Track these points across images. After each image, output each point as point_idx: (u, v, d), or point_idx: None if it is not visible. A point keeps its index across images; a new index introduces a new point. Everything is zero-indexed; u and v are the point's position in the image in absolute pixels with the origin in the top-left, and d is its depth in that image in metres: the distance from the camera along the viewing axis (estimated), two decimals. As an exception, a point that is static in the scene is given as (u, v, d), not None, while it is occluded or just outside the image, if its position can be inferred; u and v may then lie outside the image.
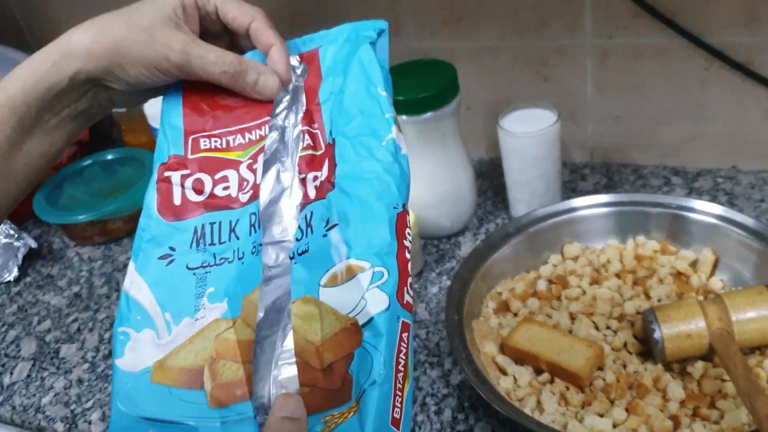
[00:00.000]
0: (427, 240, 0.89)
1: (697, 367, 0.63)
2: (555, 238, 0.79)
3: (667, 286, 0.71)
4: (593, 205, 0.78)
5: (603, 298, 0.71)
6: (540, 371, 0.65)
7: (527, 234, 0.78)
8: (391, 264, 0.38)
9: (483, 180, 0.98)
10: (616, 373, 0.63)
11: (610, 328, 0.69)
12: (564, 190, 0.90)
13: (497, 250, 0.76)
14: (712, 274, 0.72)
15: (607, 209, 0.78)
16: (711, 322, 0.62)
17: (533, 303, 0.73)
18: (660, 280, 0.72)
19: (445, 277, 0.83)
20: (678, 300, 0.70)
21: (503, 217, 0.91)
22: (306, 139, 0.45)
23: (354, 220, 0.40)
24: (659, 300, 0.70)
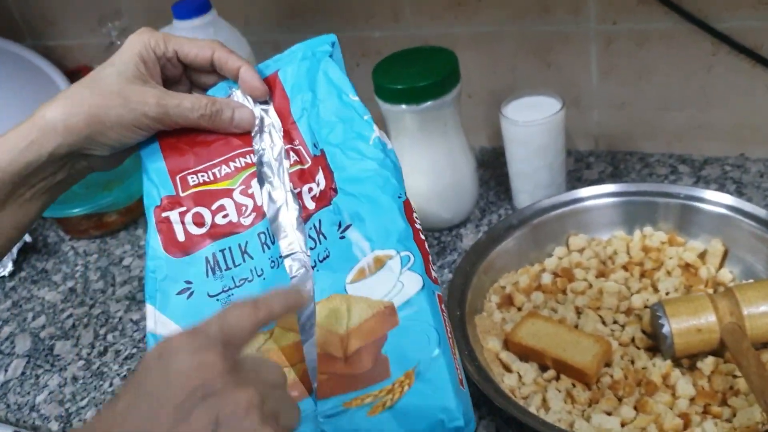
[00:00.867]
0: (428, 232, 0.87)
1: (708, 363, 0.61)
2: (560, 230, 0.77)
3: (675, 278, 0.69)
4: (599, 195, 0.76)
5: (610, 291, 0.69)
6: (545, 368, 0.64)
7: (531, 226, 0.76)
8: (413, 247, 0.43)
9: (485, 170, 0.96)
10: (623, 369, 0.62)
11: (617, 322, 0.67)
12: (569, 179, 0.88)
13: (500, 242, 0.74)
14: (722, 265, 0.71)
15: (613, 199, 0.76)
16: (722, 317, 0.60)
17: (538, 297, 0.71)
18: (668, 272, 0.70)
19: (446, 270, 0.81)
20: (686, 293, 0.68)
21: (506, 207, 0.89)
22: (292, 156, 0.48)
23: (368, 216, 0.43)
24: (667, 293, 0.68)
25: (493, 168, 0.95)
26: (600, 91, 0.89)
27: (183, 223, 0.47)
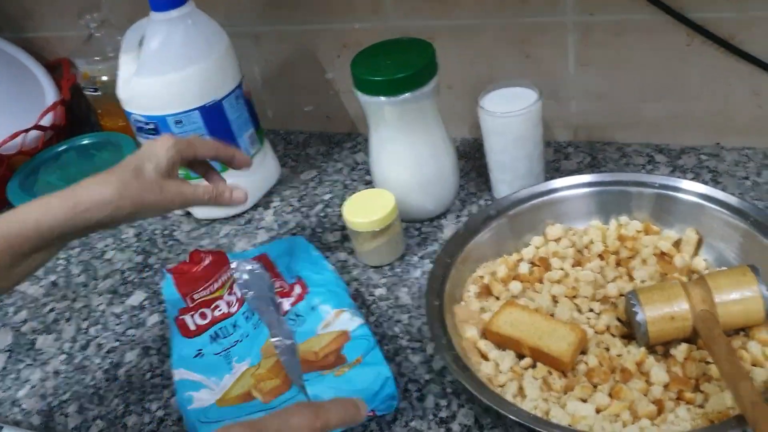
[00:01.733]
0: (409, 223, 0.88)
1: (681, 350, 0.62)
2: (537, 220, 0.78)
3: (651, 266, 0.70)
4: (575, 185, 0.77)
5: (586, 280, 0.70)
6: (522, 356, 0.64)
7: (508, 216, 0.77)
8: (357, 309, 0.73)
9: (466, 161, 0.96)
10: (598, 357, 0.63)
11: (593, 310, 0.68)
12: (548, 169, 0.89)
13: (478, 233, 0.75)
14: (696, 254, 0.72)
15: (589, 189, 0.77)
16: (694, 304, 0.61)
17: (515, 286, 0.72)
18: (643, 260, 0.71)
19: (427, 261, 0.82)
20: (661, 281, 0.69)
21: (486, 198, 0.89)
22: (277, 286, 0.76)
23: (328, 296, 0.73)
24: (642, 281, 0.69)
25: (473, 159, 0.96)
26: (578, 81, 0.90)
27: (192, 318, 0.73)
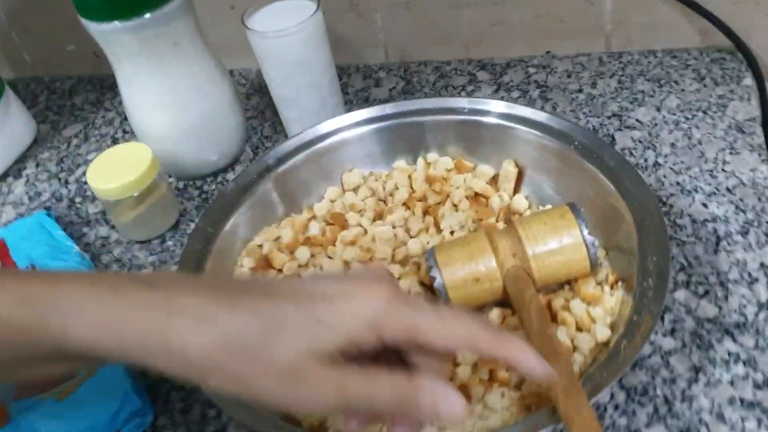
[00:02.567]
0: (187, 181, 0.71)
1: (493, 317, 0.49)
2: (330, 166, 0.62)
3: (462, 212, 0.57)
4: (373, 119, 0.62)
5: (383, 238, 0.56)
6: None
7: (293, 165, 0.61)
8: None
9: (260, 97, 0.79)
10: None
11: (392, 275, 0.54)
12: (356, 100, 0.74)
13: (253, 191, 0.59)
14: (517, 191, 0.59)
15: (390, 123, 0.62)
16: (503, 260, 0.48)
17: (303, 253, 0.57)
18: (454, 205, 0.58)
19: (208, 227, 0.66)
20: (476, 229, 0.56)
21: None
22: None
23: None
24: (452, 232, 0.56)
25: (268, 95, 0.79)
26: (380, -11, 0.74)
27: None
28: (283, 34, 0.61)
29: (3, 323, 0.32)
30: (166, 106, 0.65)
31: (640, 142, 0.64)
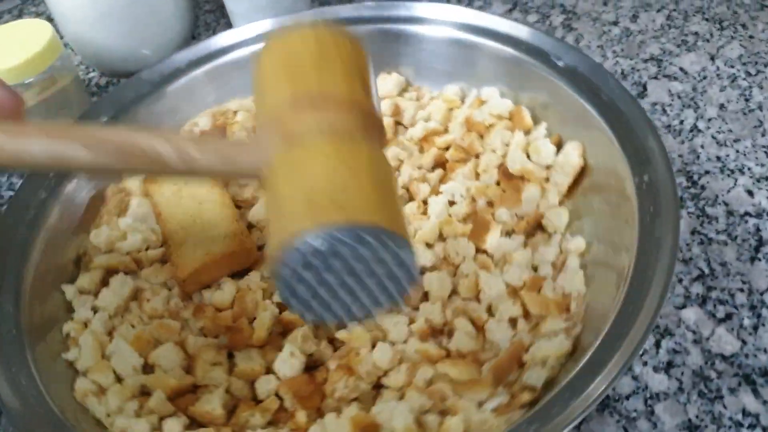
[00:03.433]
0: (111, 78, 0.58)
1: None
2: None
3: (482, 184, 0.42)
4: (342, 20, 0.47)
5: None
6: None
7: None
8: None
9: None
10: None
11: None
12: None
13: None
14: (570, 194, 0.42)
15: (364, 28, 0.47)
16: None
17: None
18: (477, 174, 0.43)
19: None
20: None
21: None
22: None
23: None
24: (451, 203, 0.42)
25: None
26: None
27: None
28: None
29: None
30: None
31: (679, 97, 0.48)
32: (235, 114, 0.47)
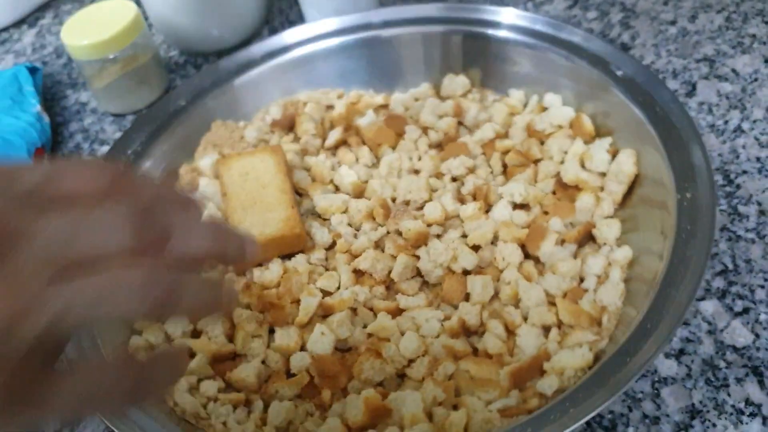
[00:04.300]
0: (189, 57, 0.63)
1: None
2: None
3: (536, 188, 0.45)
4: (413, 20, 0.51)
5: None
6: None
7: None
8: None
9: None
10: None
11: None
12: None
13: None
14: (625, 202, 0.45)
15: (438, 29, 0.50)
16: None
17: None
18: (535, 181, 0.45)
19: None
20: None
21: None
22: None
23: None
24: (516, 206, 0.43)
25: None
26: None
27: None
28: None
29: None
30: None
31: (728, 98, 0.48)
32: (305, 105, 0.51)
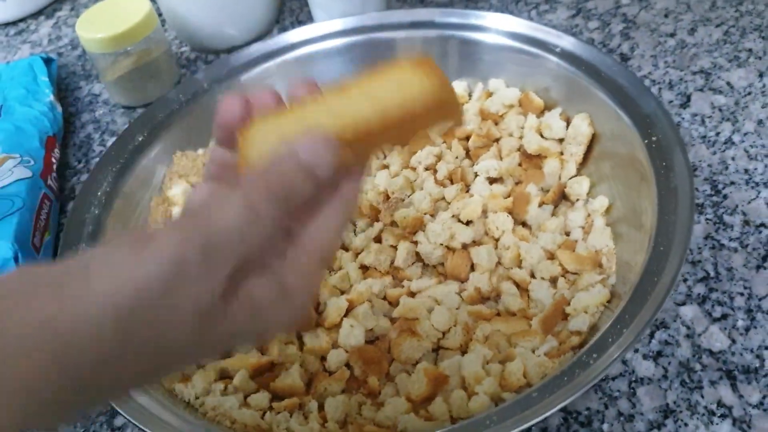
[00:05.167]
0: (200, 54, 0.64)
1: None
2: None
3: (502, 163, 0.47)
4: (415, 24, 0.52)
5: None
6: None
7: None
8: (38, 158, 0.53)
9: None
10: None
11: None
12: (407, -2, 0.63)
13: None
14: (584, 162, 0.47)
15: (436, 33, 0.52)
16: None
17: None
18: (500, 158, 0.48)
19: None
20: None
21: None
22: None
23: (12, 136, 0.54)
24: (491, 180, 0.46)
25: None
26: None
27: None
28: None
29: None
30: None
31: (720, 110, 0.49)
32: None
